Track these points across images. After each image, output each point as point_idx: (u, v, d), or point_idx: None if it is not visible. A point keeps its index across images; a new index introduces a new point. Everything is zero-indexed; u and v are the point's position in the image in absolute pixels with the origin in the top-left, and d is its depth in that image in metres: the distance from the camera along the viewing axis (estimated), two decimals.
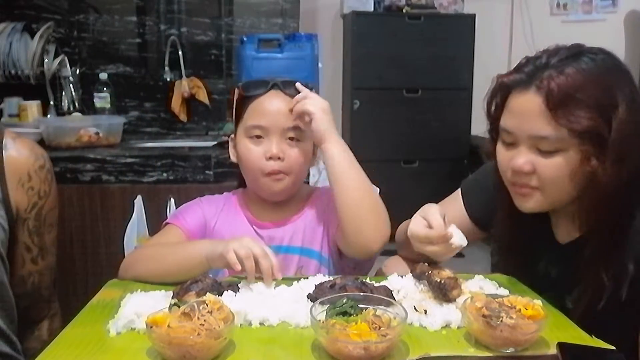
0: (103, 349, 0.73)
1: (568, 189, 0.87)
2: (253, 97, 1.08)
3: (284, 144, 1.06)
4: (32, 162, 0.97)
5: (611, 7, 3.69)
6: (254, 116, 1.07)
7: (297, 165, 1.07)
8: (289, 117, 1.06)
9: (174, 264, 0.98)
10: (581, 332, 0.78)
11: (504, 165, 0.92)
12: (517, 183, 0.90)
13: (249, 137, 1.08)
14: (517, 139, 0.88)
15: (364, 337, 0.68)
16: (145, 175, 1.98)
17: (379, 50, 3.26)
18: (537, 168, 0.87)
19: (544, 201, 0.90)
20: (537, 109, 0.84)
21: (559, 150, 0.84)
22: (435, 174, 3.35)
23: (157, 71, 2.48)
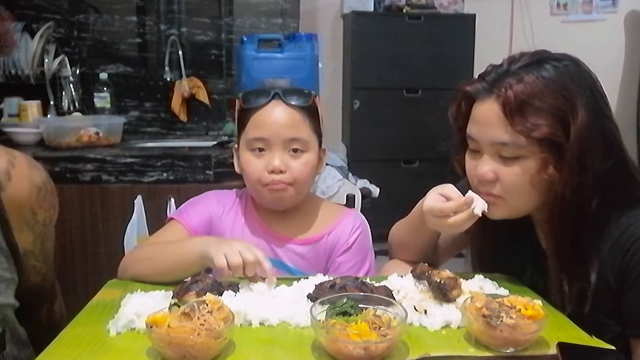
0: (103, 349, 0.73)
1: (532, 196, 0.87)
2: (254, 109, 1.05)
3: (287, 155, 1.04)
4: (34, 196, 0.84)
5: (611, 7, 3.68)
6: (255, 128, 1.05)
7: (301, 177, 1.05)
8: (291, 128, 1.04)
9: (170, 263, 0.97)
10: (581, 332, 0.78)
11: (470, 173, 0.93)
12: (482, 191, 0.90)
13: (251, 150, 1.06)
14: (481, 146, 0.89)
15: (364, 337, 0.68)
16: (145, 175, 1.98)
17: (379, 50, 3.26)
18: (499, 176, 0.87)
19: (509, 209, 0.90)
20: (495, 116, 0.85)
21: (520, 158, 0.85)
22: (434, 174, 3.34)
23: (157, 71, 2.48)
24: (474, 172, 0.91)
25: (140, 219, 1.71)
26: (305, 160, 1.05)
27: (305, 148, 1.05)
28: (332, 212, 1.14)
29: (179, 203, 1.63)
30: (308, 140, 1.05)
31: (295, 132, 1.04)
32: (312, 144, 1.06)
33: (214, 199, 1.14)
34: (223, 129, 2.43)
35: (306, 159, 1.05)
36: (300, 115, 1.05)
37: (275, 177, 1.03)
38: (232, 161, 1.16)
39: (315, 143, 1.08)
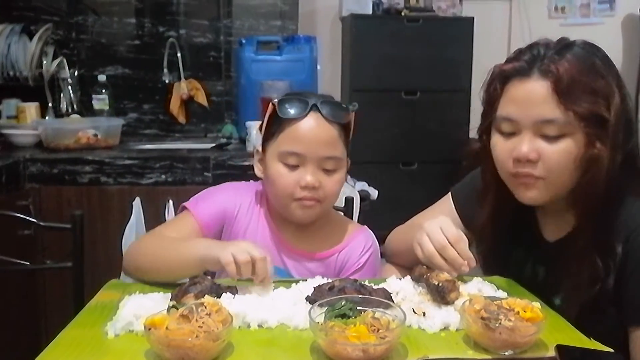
0: (101, 351, 0.73)
1: (570, 177, 0.87)
2: (289, 120, 1.00)
3: (320, 172, 1.00)
4: None
5: (609, 10, 3.70)
6: (289, 142, 1.00)
7: (332, 195, 1.03)
8: (328, 145, 1.00)
9: (170, 262, 0.96)
10: (580, 335, 0.78)
11: (503, 157, 0.90)
12: (520, 173, 0.88)
13: (283, 163, 1.01)
14: (520, 126, 0.88)
15: (363, 339, 0.68)
16: (143, 177, 1.98)
17: (377, 53, 3.27)
18: (542, 155, 0.86)
19: (546, 191, 0.89)
20: (543, 94, 0.85)
21: (564, 135, 0.85)
22: (433, 176, 3.35)
23: (156, 73, 2.48)
24: (511, 154, 0.88)
25: (139, 221, 1.72)
26: (338, 179, 1.03)
27: (339, 166, 1.03)
28: (345, 229, 1.12)
29: (178, 205, 1.63)
30: (342, 158, 1.03)
31: (331, 151, 1.01)
32: (344, 160, 1.04)
33: (231, 194, 1.10)
34: (222, 131, 2.43)
35: (339, 177, 1.03)
36: (336, 132, 1.01)
37: (308, 193, 1.00)
38: (230, 164, 1.15)
39: (345, 158, 1.05)
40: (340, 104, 1.03)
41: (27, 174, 1.93)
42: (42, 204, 1.92)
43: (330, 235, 1.09)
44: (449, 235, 0.90)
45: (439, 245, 0.90)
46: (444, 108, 3.40)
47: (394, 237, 1.15)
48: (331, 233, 1.09)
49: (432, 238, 0.91)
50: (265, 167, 1.05)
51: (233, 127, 2.39)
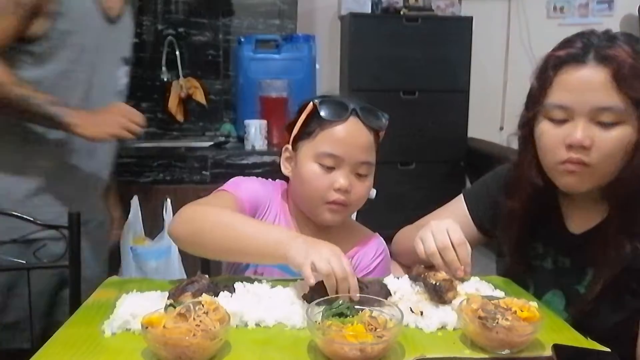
0: (98, 350, 0.73)
1: (617, 166, 0.87)
2: (331, 122, 1.01)
3: (353, 176, 1.02)
4: None
5: (607, 10, 3.71)
6: (329, 143, 1.01)
7: (360, 200, 1.05)
8: (365, 151, 1.02)
9: (243, 244, 0.91)
10: (576, 334, 0.78)
11: (554, 143, 0.89)
12: (572, 159, 0.87)
13: (319, 163, 1.02)
14: (574, 113, 0.87)
15: (360, 338, 0.68)
16: (141, 176, 1.98)
17: (376, 52, 3.27)
18: (595, 142, 0.86)
19: (590, 180, 0.89)
20: (600, 81, 0.84)
21: (618, 123, 0.85)
22: (432, 176, 3.35)
23: (154, 71, 2.48)
24: (563, 140, 0.88)
25: (137, 219, 1.71)
26: (368, 184, 1.05)
27: (370, 172, 1.05)
28: (358, 234, 1.13)
29: (175, 204, 1.63)
30: (373, 164, 1.05)
31: (367, 156, 1.03)
32: (374, 167, 1.06)
33: (266, 186, 1.11)
34: (220, 130, 2.43)
35: (369, 182, 1.05)
36: (373, 138, 1.04)
37: (340, 196, 1.01)
38: (228, 162, 1.14)
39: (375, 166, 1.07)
40: (377, 111, 1.06)
41: None
42: None
43: (346, 239, 1.09)
44: (453, 237, 0.91)
45: (442, 245, 0.91)
46: (443, 108, 3.40)
47: (401, 237, 1.16)
48: (347, 237, 1.09)
49: (436, 236, 0.91)
50: (297, 166, 1.05)
51: (231, 126, 2.40)
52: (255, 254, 0.92)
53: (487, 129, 3.58)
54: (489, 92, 3.62)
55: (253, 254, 0.93)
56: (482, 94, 3.50)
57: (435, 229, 0.93)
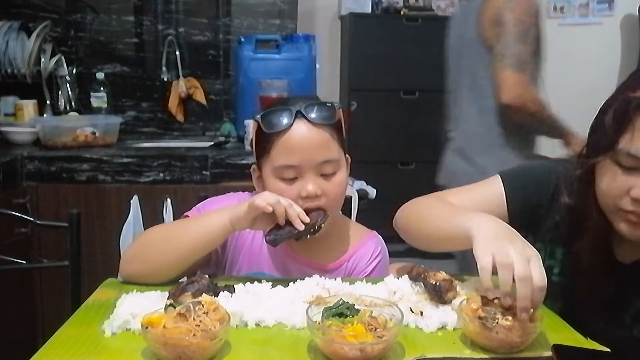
0: (98, 350, 0.73)
1: None
2: (277, 133, 0.96)
3: (320, 179, 0.97)
4: None
5: (607, 10, 3.70)
6: (282, 155, 0.96)
7: (336, 199, 1.00)
8: (322, 149, 0.96)
9: (192, 240, 0.93)
10: (576, 335, 0.78)
11: (618, 192, 0.83)
12: (636, 212, 0.82)
13: (280, 178, 0.97)
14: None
15: (360, 338, 0.68)
16: (141, 176, 1.98)
17: (376, 52, 3.27)
18: None
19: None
20: None
21: None
22: (432, 176, 3.35)
23: (155, 71, 2.48)
24: (627, 192, 0.81)
25: (137, 219, 1.71)
26: (339, 180, 0.99)
27: (337, 167, 0.99)
28: (353, 235, 1.09)
29: (175, 203, 1.63)
30: (339, 159, 0.99)
31: (326, 154, 0.97)
32: (342, 160, 1.00)
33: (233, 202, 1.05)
34: (220, 130, 2.42)
35: (339, 178, 0.99)
36: (328, 133, 0.98)
37: (311, 203, 0.96)
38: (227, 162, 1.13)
39: (343, 157, 1.01)
40: (326, 104, 0.99)
41: (25, 172, 1.93)
42: (39, 202, 1.92)
43: (338, 242, 1.06)
44: (535, 276, 0.72)
45: (523, 275, 0.72)
46: (443, 108, 3.40)
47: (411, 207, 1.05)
48: (339, 240, 1.07)
49: (517, 266, 0.72)
50: (264, 185, 1.01)
51: (231, 126, 2.39)
52: (203, 240, 0.93)
53: None
54: None
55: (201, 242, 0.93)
56: None
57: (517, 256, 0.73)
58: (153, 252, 0.96)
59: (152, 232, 1.03)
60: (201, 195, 1.33)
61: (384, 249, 1.10)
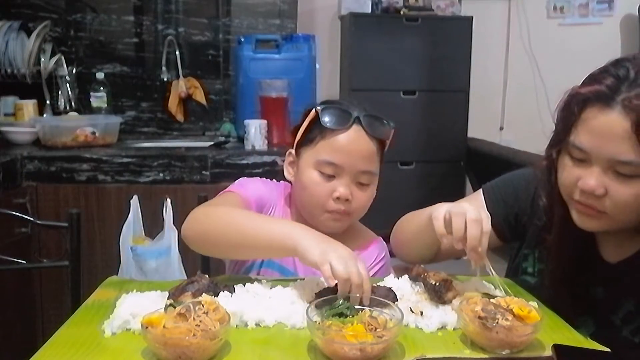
0: (98, 350, 0.73)
1: (636, 215, 0.82)
2: (332, 130, 1.00)
3: (354, 185, 1.01)
4: None
5: (607, 10, 3.70)
6: (330, 151, 1.00)
7: (362, 208, 1.04)
8: (366, 159, 1.01)
9: (251, 237, 0.90)
10: (577, 334, 0.78)
11: (569, 182, 0.85)
12: (583, 203, 0.83)
13: (319, 171, 1.01)
14: (591, 158, 0.81)
15: (360, 338, 0.68)
16: (141, 175, 1.98)
17: (376, 52, 3.27)
18: (610, 192, 0.80)
19: (608, 223, 0.84)
20: (622, 132, 0.77)
21: (637, 176, 0.78)
22: (432, 176, 3.36)
23: (154, 71, 2.48)
24: (577, 182, 0.83)
25: (136, 219, 1.71)
26: (370, 193, 1.04)
27: (372, 181, 1.03)
28: (359, 237, 1.11)
29: (175, 203, 1.63)
30: (376, 173, 1.03)
31: (368, 165, 1.01)
32: (377, 176, 1.04)
33: (266, 187, 1.10)
34: (220, 130, 2.42)
35: (371, 191, 1.04)
36: (375, 147, 1.02)
37: (340, 205, 1.00)
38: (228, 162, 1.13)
39: (378, 174, 1.05)
40: (382, 119, 1.03)
41: (25, 171, 1.93)
42: (39, 202, 1.92)
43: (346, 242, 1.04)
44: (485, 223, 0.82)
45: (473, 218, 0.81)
46: (443, 108, 3.40)
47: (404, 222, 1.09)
48: (347, 241, 1.03)
49: (469, 213, 0.82)
50: (299, 172, 1.04)
51: (231, 126, 2.39)
52: (262, 247, 0.91)
53: (487, 129, 3.58)
54: (489, 92, 3.62)
55: (260, 247, 0.91)
56: (482, 94, 3.50)
57: (468, 208, 0.83)
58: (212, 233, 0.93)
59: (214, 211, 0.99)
60: (201, 195, 1.33)
61: (387, 255, 1.12)
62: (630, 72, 0.79)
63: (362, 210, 1.04)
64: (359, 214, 1.05)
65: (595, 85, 0.80)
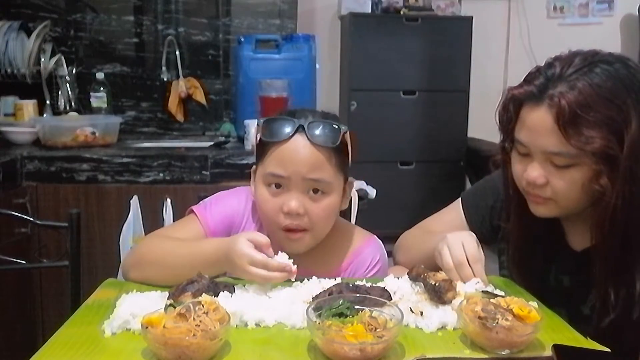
0: (98, 350, 0.73)
1: (582, 200, 0.88)
2: (275, 143, 0.96)
3: (306, 197, 0.95)
4: None
5: (607, 10, 3.71)
6: (274, 164, 0.96)
7: (320, 222, 0.97)
8: (314, 168, 0.94)
9: (184, 268, 0.91)
10: (576, 334, 0.78)
11: (518, 175, 0.92)
12: (531, 193, 0.90)
13: (267, 185, 0.97)
14: (531, 152, 0.88)
15: (360, 338, 0.68)
16: (141, 176, 1.98)
17: (376, 52, 3.27)
18: (550, 181, 0.87)
19: (558, 209, 0.90)
20: (548, 126, 0.84)
21: (572, 165, 0.85)
22: (431, 176, 3.35)
23: (154, 71, 2.48)
24: (523, 175, 0.90)
25: (136, 219, 1.71)
26: (326, 205, 0.97)
27: (328, 190, 0.97)
28: (351, 240, 1.06)
29: (175, 203, 1.63)
30: (331, 182, 0.96)
31: (317, 174, 0.95)
32: (336, 184, 0.98)
33: (239, 201, 1.07)
34: (220, 130, 2.42)
35: (327, 202, 0.97)
36: (325, 154, 0.95)
37: (293, 221, 0.95)
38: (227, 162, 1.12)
39: (340, 181, 0.99)
40: (332, 125, 0.96)
41: (24, 171, 1.93)
42: (39, 202, 1.92)
43: (337, 249, 1.04)
44: (469, 253, 0.90)
45: (457, 262, 0.90)
46: (443, 108, 3.41)
47: (404, 241, 1.14)
48: (337, 246, 1.05)
49: (452, 252, 0.91)
50: (254, 190, 1.01)
51: (231, 126, 2.39)
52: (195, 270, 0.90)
53: (487, 129, 3.56)
54: (489, 92, 3.61)
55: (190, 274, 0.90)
56: (482, 94, 3.50)
57: (450, 243, 0.91)
58: (148, 270, 0.97)
59: (148, 247, 1.02)
60: (201, 195, 1.32)
61: (384, 255, 1.08)
62: (556, 69, 0.85)
63: (323, 224, 0.98)
64: (321, 228, 0.98)
65: (527, 87, 0.87)
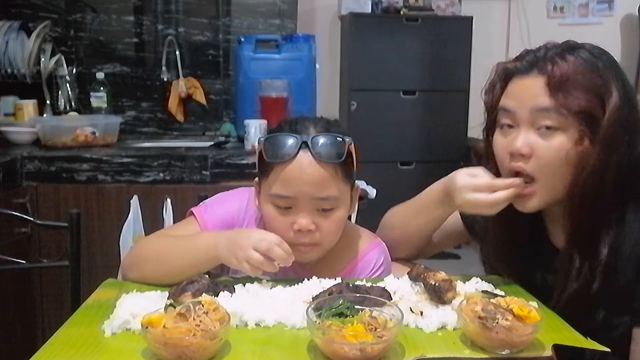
0: (98, 350, 0.73)
1: (564, 176, 0.88)
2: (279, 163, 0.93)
3: (316, 214, 0.93)
4: None
5: (607, 10, 3.71)
6: (280, 185, 0.92)
7: (330, 235, 0.96)
8: (321, 186, 0.92)
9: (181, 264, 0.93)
10: (576, 334, 0.78)
11: (502, 151, 0.92)
12: (515, 168, 0.90)
13: (274, 204, 0.95)
14: (517, 118, 0.89)
15: (360, 338, 0.68)
16: (141, 175, 1.98)
17: (376, 52, 3.27)
18: (535, 151, 0.88)
19: (542, 195, 0.90)
20: (539, 86, 0.88)
21: (558, 130, 0.86)
22: (431, 176, 3.34)
23: (154, 71, 2.48)
24: (507, 148, 0.91)
25: (136, 219, 1.71)
26: (336, 218, 0.95)
27: (337, 204, 0.95)
28: (356, 244, 1.05)
29: (176, 203, 1.63)
30: (339, 196, 0.94)
31: (325, 192, 0.92)
32: (344, 196, 0.96)
33: (240, 202, 1.05)
34: (220, 130, 2.42)
35: (337, 215, 0.95)
36: (331, 170, 0.92)
37: (304, 238, 0.94)
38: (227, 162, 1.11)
39: (348, 192, 0.97)
40: (336, 137, 0.93)
41: (25, 171, 1.93)
42: (39, 202, 1.92)
43: (343, 252, 1.03)
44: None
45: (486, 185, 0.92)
46: (443, 107, 3.41)
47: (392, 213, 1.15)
48: (342, 250, 1.03)
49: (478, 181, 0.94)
50: (260, 204, 0.99)
51: (231, 126, 2.39)
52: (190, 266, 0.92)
53: None
54: None
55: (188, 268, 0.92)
56: None
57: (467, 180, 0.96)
58: (146, 268, 0.97)
59: (146, 245, 1.03)
60: (201, 195, 1.33)
61: (387, 258, 1.08)
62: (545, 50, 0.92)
63: (332, 237, 0.97)
64: (330, 241, 0.97)
65: (518, 62, 0.93)
